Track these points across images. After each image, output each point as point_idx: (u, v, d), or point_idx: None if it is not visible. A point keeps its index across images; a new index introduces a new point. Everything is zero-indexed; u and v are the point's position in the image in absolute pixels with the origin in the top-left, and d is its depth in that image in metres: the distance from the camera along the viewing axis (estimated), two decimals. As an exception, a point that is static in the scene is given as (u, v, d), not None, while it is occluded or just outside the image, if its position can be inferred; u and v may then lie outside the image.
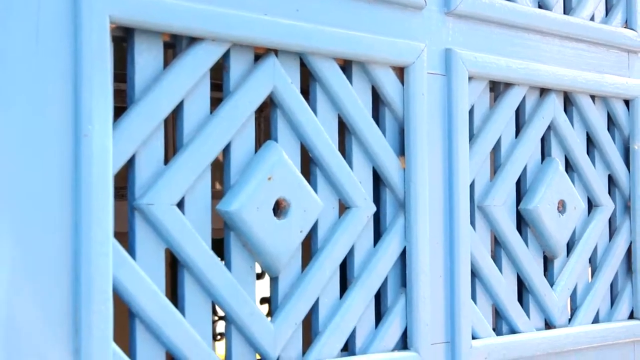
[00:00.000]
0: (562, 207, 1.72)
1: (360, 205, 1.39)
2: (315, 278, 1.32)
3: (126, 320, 1.14)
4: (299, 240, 1.29)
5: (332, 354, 1.34)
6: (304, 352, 1.32)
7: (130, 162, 1.14)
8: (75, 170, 1.05)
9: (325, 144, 1.34)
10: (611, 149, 1.85)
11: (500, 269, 1.63)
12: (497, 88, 1.65)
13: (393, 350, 1.43)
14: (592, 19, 1.83)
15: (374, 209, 1.42)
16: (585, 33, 1.78)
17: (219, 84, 1.27)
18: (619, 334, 1.82)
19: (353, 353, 1.39)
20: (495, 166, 1.65)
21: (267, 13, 1.27)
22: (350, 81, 1.40)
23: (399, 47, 1.44)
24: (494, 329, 1.62)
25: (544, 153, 1.75)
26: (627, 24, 1.89)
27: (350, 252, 1.40)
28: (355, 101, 1.39)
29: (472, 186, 1.59)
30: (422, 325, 1.45)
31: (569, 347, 1.71)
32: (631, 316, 1.88)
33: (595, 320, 1.82)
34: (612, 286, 1.87)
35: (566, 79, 1.73)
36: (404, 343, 1.45)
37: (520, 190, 1.70)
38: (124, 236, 1.14)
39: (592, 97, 1.82)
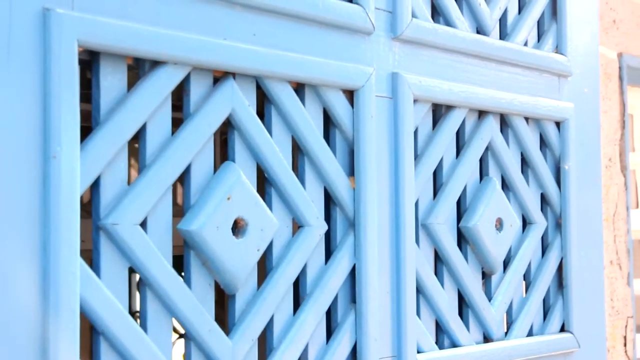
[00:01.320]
0: (499, 224, 1.79)
1: (312, 224, 1.43)
2: (271, 295, 1.36)
3: (90, 336, 1.16)
4: (256, 258, 1.33)
5: (286, 369, 1.38)
6: (260, 368, 1.36)
7: (95, 183, 1.16)
8: (44, 191, 1.07)
9: (280, 164, 1.39)
10: (544, 169, 1.93)
11: (442, 285, 1.69)
12: (439, 110, 1.72)
13: (347, 365, 1.48)
14: (525, 44, 1.92)
15: (325, 227, 1.46)
16: (520, 58, 1.86)
17: (178, 105, 1.30)
18: (551, 347, 1.90)
19: (306, 368, 1.43)
20: (438, 185, 1.71)
21: (226, 38, 1.31)
22: (303, 103, 1.45)
23: (349, 71, 1.49)
24: (436, 343, 1.68)
25: (482, 172, 1.82)
26: (558, 49, 1.99)
27: (303, 270, 1.44)
28: (308, 123, 1.43)
29: (416, 205, 1.64)
30: (371, 340, 1.50)
31: (505, 359, 1.78)
32: (562, 329, 1.96)
33: (530, 333, 1.89)
34: (545, 300, 1.95)
35: (503, 101, 1.81)
36: (353, 357, 1.50)
37: (461, 208, 1.76)
38: (86, 253, 1.16)
39: (526, 119, 1.91)
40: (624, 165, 3.13)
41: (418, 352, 1.59)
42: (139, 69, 1.23)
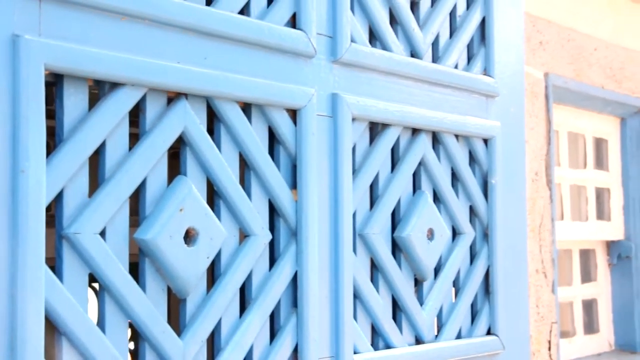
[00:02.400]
0: (430, 234, 1.93)
1: (258, 233, 1.55)
2: (219, 300, 1.47)
3: (53, 337, 1.25)
4: (206, 265, 1.44)
5: (233, 368, 1.48)
6: (207, 367, 1.46)
7: (59, 195, 1.26)
8: (12, 202, 1.17)
9: (228, 178, 1.50)
10: (472, 183, 2.07)
11: (377, 291, 1.81)
12: (376, 128, 1.85)
13: (288, 364, 1.59)
14: (456, 66, 2.06)
15: (269, 237, 1.57)
16: (451, 79, 2.00)
17: (136, 120, 1.40)
18: (478, 349, 2.04)
19: (252, 368, 1.54)
20: (374, 198, 1.84)
21: (179, 61, 1.41)
22: (250, 122, 1.56)
23: (292, 92, 1.61)
24: (372, 345, 1.80)
25: (416, 186, 1.95)
26: (486, 71, 2.13)
27: (249, 276, 1.55)
28: (254, 140, 1.55)
29: (354, 216, 1.77)
30: (311, 342, 1.61)
31: (435, 360, 1.92)
32: (488, 332, 2.10)
33: (458, 336, 2.03)
34: (473, 305, 2.09)
35: (434, 120, 1.94)
36: (295, 357, 1.61)
37: (395, 219, 1.89)
38: (49, 260, 1.25)
39: (457, 136, 2.05)
40: (550, 179, 3.31)
41: (355, 352, 1.71)
42: (99, 89, 1.33)
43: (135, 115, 1.40)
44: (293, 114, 1.63)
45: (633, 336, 4.03)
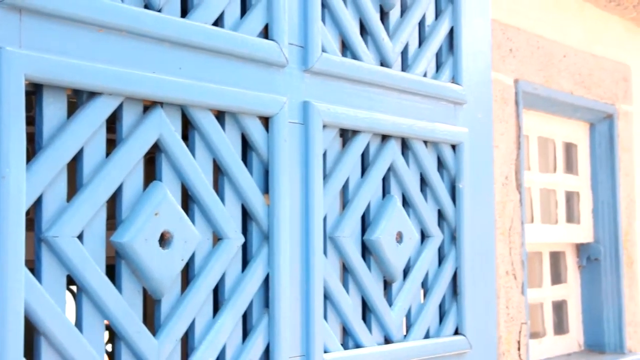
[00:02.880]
0: (399, 237, 1.99)
1: (231, 236, 1.60)
2: (193, 300, 1.53)
3: (32, 337, 1.30)
4: (180, 267, 1.49)
5: (206, 366, 1.54)
6: (181, 365, 1.52)
7: (38, 199, 1.31)
8: (-7, 207, 1.22)
9: (202, 183, 1.55)
10: (440, 188, 2.14)
11: (347, 292, 1.88)
12: (347, 134, 1.91)
13: (257, 363, 1.65)
14: (425, 75, 2.12)
15: (242, 240, 1.63)
16: (419, 87, 2.07)
17: (114, 127, 1.46)
18: (446, 348, 2.11)
19: (223, 366, 1.60)
20: (344, 202, 1.90)
21: (154, 71, 1.47)
22: (224, 129, 1.62)
23: (264, 100, 1.66)
24: (342, 344, 1.86)
25: (385, 191, 2.01)
26: (454, 79, 2.20)
27: (222, 278, 1.61)
28: (228, 146, 1.61)
29: (325, 220, 1.83)
30: (282, 341, 1.67)
31: (403, 359, 1.98)
32: (456, 332, 2.17)
33: (427, 335, 2.10)
34: (441, 306, 2.15)
35: (404, 127, 2.01)
36: (266, 356, 1.67)
37: (365, 223, 1.95)
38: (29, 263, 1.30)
39: (425, 142, 2.11)
40: (519, 183, 3.38)
41: (325, 352, 1.77)
42: (77, 98, 1.38)
43: (114, 122, 1.45)
44: (265, 121, 1.69)
45: (602, 337, 4.12)
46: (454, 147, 2.19)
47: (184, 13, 1.59)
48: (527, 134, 3.78)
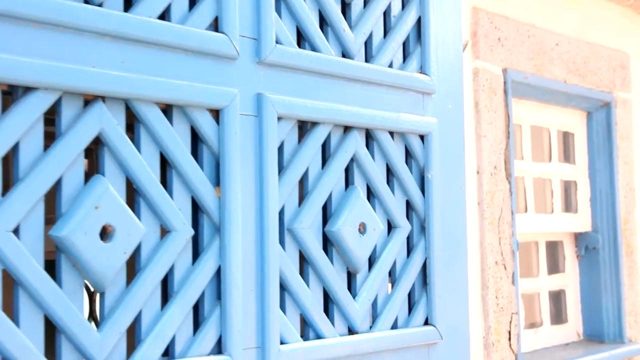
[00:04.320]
0: (363, 228, 1.99)
1: (179, 229, 1.61)
2: (139, 293, 1.53)
3: (-33, 331, 1.32)
4: (123, 260, 1.50)
5: (153, 358, 1.55)
6: (128, 358, 1.52)
7: (-29, 195, 1.32)
8: None
9: (148, 176, 1.56)
10: (408, 178, 2.13)
11: (307, 283, 1.88)
12: (306, 126, 1.91)
13: (209, 354, 1.65)
14: (391, 65, 2.12)
15: (192, 232, 1.64)
16: (384, 78, 2.06)
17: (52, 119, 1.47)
18: (415, 338, 2.10)
19: (173, 357, 1.60)
20: (304, 194, 1.90)
21: (95, 65, 1.48)
22: (172, 122, 1.62)
23: (214, 93, 1.67)
24: (302, 336, 1.87)
25: (349, 182, 2.01)
26: (422, 69, 2.19)
27: (171, 270, 1.61)
28: (175, 139, 1.61)
29: (282, 211, 1.83)
30: (235, 333, 1.68)
31: (369, 350, 1.98)
32: (426, 323, 2.16)
33: (395, 326, 2.09)
34: (411, 297, 2.15)
35: (366, 117, 2.00)
36: (219, 348, 1.67)
37: (328, 215, 1.95)
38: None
39: (391, 133, 2.11)
40: (509, 172, 3.37)
41: (282, 343, 1.78)
42: (13, 94, 1.39)
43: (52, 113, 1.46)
44: (216, 114, 1.69)
45: (601, 326, 4.09)
46: (422, 137, 2.18)
47: (128, 6, 1.59)
48: (520, 124, 3.76)
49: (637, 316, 4.15)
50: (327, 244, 1.96)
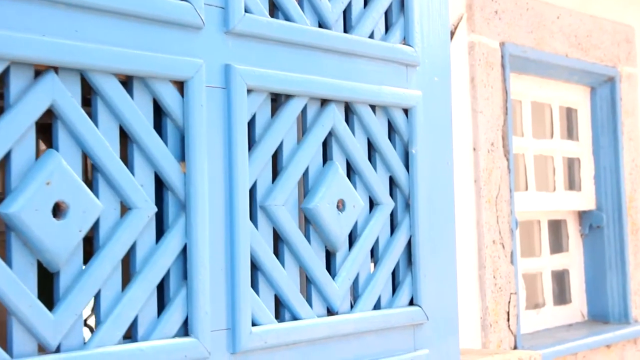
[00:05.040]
0: (342, 205, 1.92)
1: (141, 206, 1.54)
2: (96, 272, 1.47)
3: None
4: (78, 238, 1.44)
5: (113, 341, 1.48)
6: (85, 341, 1.46)
7: None
8: None
9: (106, 151, 1.49)
10: (391, 153, 2.06)
11: (283, 263, 1.81)
12: (280, 99, 1.83)
13: (174, 337, 1.59)
14: (372, 36, 2.04)
15: (154, 209, 1.57)
16: (364, 49, 1.98)
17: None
18: (400, 319, 2.03)
19: (135, 340, 1.54)
20: (279, 170, 1.83)
21: (45, 34, 1.41)
22: (132, 94, 1.55)
23: (177, 64, 1.60)
24: (277, 317, 1.80)
25: (327, 158, 1.94)
26: (406, 40, 2.11)
27: (133, 249, 1.55)
28: (135, 112, 1.54)
29: (255, 188, 1.76)
30: (202, 314, 1.61)
31: (350, 331, 1.91)
32: (411, 303, 2.09)
33: (378, 307, 2.02)
34: (394, 276, 2.08)
35: (345, 90, 1.92)
36: (185, 330, 1.61)
37: (305, 191, 1.88)
38: None
39: (373, 107, 2.03)
40: (507, 149, 3.28)
41: (254, 324, 1.71)
42: (-45, 64, 1.33)
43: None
44: (180, 86, 1.62)
45: (605, 306, 4.02)
46: (406, 111, 2.10)
47: (83, -26, 1.52)
48: (520, 99, 3.67)
49: (642, 296, 4.06)
50: (305, 222, 1.89)
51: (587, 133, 4.04)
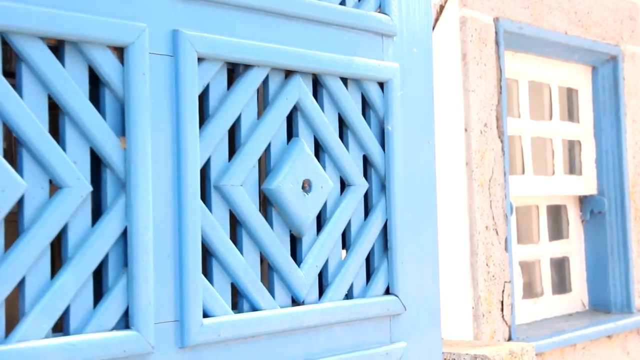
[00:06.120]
0: (308, 186, 1.76)
1: (72, 185, 1.39)
2: (20, 258, 1.32)
3: None
4: (-3, 220, 1.29)
5: (39, 334, 1.33)
6: (7, 334, 1.31)
7: None
8: None
9: (32, 124, 1.34)
10: (365, 130, 1.90)
11: (241, 248, 1.65)
12: (238, 69, 1.68)
13: (113, 329, 1.44)
14: (343, 2, 1.87)
15: (89, 188, 1.41)
16: (335, 17, 1.82)
17: None
18: (374, 310, 1.88)
19: (67, 333, 1.39)
20: (237, 147, 1.67)
21: (-44, -9, 1.25)
22: (63, 61, 1.40)
23: (116, 27, 1.44)
24: (235, 307, 1.65)
25: (293, 134, 1.78)
26: (381, 8, 1.95)
27: (65, 233, 1.40)
28: (68, 81, 1.39)
29: (208, 166, 1.61)
30: (145, 304, 1.46)
31: (317, 322, 1.75)
32: (387, 292, 1.93)
33: (350, 296, 1.86)
34: (369, 263, 1.92)
35: (311, 60, 1.77)
36: (126, 322, 1.46)
37: (266, 171, 1.73)
38: None
39: (345, 80, 1.87)
40: (502, 130, 3.12)
41: (206, 316, 1.56)
42: None
43: None
44: (120, 52, 1.47)
45: (607, 295, 3.86)
46: (381, 85, 1.94)
47: None
48: (516, 79, 3.50)
49: (646, 284, 3.89)
50: (267, 204, 1.73)
51: (588, 114, 3.86)
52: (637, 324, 3.77)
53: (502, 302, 3.07)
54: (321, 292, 1.82)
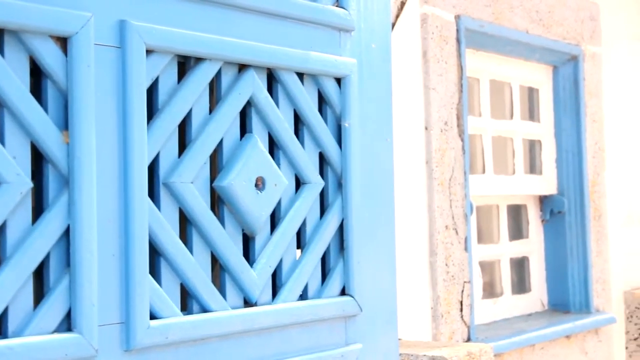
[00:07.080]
0: (261, 183, 1.71)
1: (11, 180, 1.32)
2: (-47, 258, 1.25)
3: None
4: None
5: (-26, 338, 1.27)
6: (-61, 337, 1.25)
7: None
8: None
9: (-33, 116, 1.27)
10: (321, 127, 1.85)
11: (191, 248, 1.60)
12: (189, 62, 1.62)
13: (54, 332, 1.37)
14: (300, -4, 1.83)
15: (29, 185, 1.35)
16: (290, 10, 1.77)
17: None
18: (329, 311, 1.83)
19: (6, 336, 1.33)
20: (187, 143, 1.62)
21: None
22: (2, 51, 1.33)
23: (59, 16, 1.38)
24: (185, 309, 1.59)
25: (247, 130, 1.73)
26: (339, 2, 1.90)
27: (3, 231, 1.33)
28: (7, 72, 1.32)
29: (157, 162, 1.55)
30: (88, 306, 1.40)
31: (270, 324, 1.70)
32: (343, 293, 1.89)
33: (305, 297, 1.82)
34: (325, 263, 1.87)
35: (265, 54, 1.71)
36: (68, 325, 1.40)
37: (217, 167, 1.67)
38: None
39: (301, 75, 1.82)
40: (462, 129, 3.09)
41: (154, 317, 1.50)
42: None
43: None
44: (64, 43, 1.40)
45: (566, 295, 3.85)
46: (338, 80, 1.89)
47: None
48: (477, 77, 3.48)
49: (604, 284, 3.89)
50: (218, 202, 1.68)
51: (548, 114, 3.85)
52: (595, 324, 3.77)
53: (461, 302, 3.04)
54: (275, 292, 1.77)
